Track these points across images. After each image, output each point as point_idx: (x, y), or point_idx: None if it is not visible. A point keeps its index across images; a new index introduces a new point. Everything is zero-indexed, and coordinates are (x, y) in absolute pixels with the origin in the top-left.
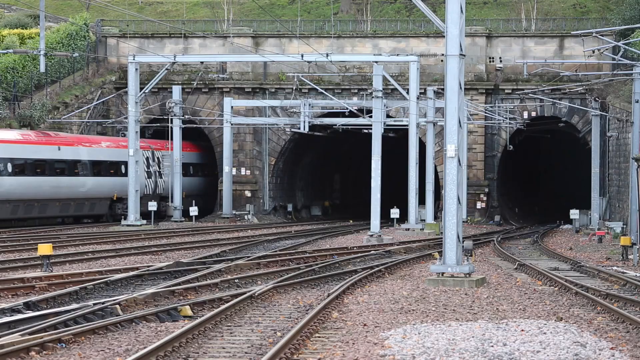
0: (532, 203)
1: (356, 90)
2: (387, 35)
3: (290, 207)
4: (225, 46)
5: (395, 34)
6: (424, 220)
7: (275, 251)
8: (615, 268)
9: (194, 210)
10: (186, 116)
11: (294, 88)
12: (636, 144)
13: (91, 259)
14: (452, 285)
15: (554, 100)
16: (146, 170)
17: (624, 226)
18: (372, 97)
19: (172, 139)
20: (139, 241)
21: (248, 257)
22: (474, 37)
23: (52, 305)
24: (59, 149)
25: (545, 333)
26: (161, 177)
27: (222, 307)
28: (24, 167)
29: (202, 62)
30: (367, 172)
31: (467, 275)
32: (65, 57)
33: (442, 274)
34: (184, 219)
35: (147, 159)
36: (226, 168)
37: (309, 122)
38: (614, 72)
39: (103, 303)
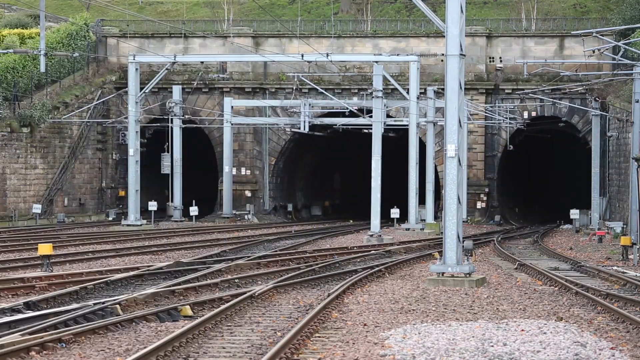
0: (532, 203)
1: (356, 90)
2: (387, 35)
3: (290, 207)
4: (225, 46)
5: (395, 34)
6: (424, 220)
7: (275, 251)
8: (615, 268)
9: (194, 210)
10: (186, 116)
11: (294, 88)
12: (636, 144)
13: (91, 259)
14: (452, 285)
15: (554, 100)
16: None
17: (624, 226)
18: (372, 97)
19: (172, 139)
20: (139, 241)
21: (248, 257)
22: (474, 37)
23: (53, 305)
24: None
25: (545, 333)
26: None
27: (222, 307)
28: None
29: (202, 62)
30: (367, 172)
31: (467, 275)
32: (66, 57)
33: (442, 273)
34: (184, 219)
35: None
36: (226, 168)
37: (309, 122)
38: (614, 72)
39: (103, 303)
